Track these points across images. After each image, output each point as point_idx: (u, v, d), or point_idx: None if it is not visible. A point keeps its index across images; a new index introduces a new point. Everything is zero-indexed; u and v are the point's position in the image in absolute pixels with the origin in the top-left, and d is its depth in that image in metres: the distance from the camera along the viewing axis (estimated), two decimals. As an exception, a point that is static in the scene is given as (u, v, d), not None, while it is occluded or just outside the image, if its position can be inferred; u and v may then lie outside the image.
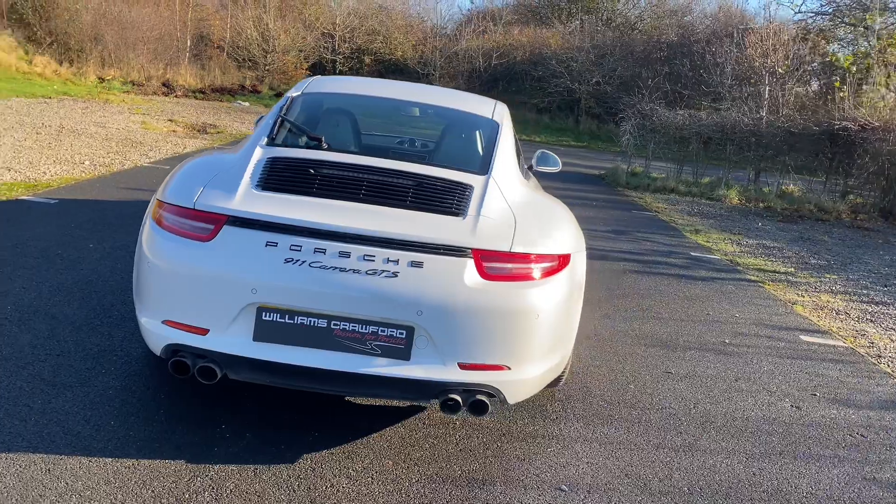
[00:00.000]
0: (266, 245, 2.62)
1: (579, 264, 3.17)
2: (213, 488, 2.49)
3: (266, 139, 3.30)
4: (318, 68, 31.39)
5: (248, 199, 2.76)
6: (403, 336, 2.63)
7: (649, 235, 8.50)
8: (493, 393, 2.75)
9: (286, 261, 2.59)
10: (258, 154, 3.11)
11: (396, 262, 2.61)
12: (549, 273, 2.84)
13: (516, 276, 2.75)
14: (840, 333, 5.35)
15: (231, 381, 2.83)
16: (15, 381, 3.03)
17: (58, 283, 4.24)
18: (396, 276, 2.60)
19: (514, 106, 27.52)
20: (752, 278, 6.86)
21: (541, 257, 2.82)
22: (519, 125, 24.37)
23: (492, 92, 28.47)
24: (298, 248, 2.61)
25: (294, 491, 2.53)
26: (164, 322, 2.72)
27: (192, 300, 2.67)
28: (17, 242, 4.91)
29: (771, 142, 13.37)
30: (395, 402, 3.25)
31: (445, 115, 4.06)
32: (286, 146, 3.29)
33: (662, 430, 3.38)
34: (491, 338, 2.69)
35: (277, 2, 31.38)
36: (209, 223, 2.69)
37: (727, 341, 4.83)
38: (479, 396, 2.71)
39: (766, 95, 14.82)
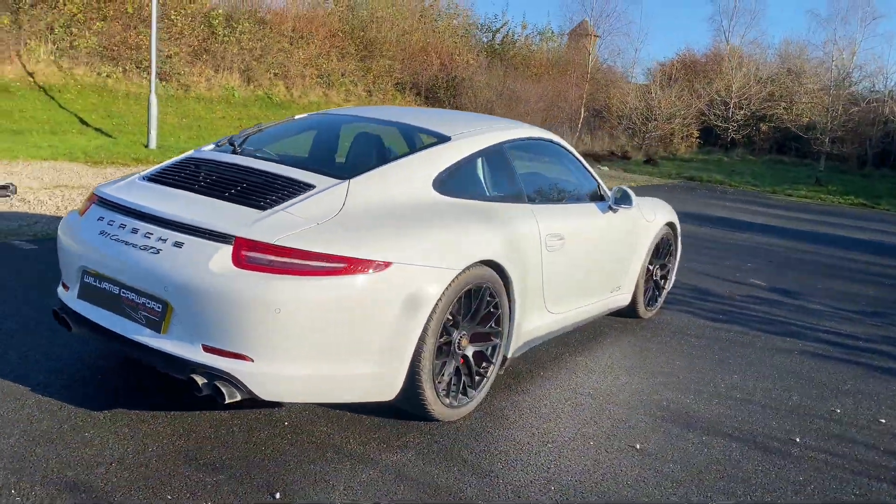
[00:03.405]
0: (97, 219, 3.14)
1: (411, 280, 2.92)
2: (10, 406, 3.05)
3: (214, 146, 3.82)
4: (709, 134, 30.45)
5: (120, 186, 3.32)
6: (159, 309, 2.85)
7: (920, 324, 6.43)
8: (235, 382, 2.76)
9: (100, 232, 3.07)
10: (184, 155, 3.65)
11: (165, 240, 2.87)
12: (328, 272, 2.76)
13: (278, 270, 2.74)
14: None
15: None
16: (12, 314, 4.04)
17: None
18: (159, 252, 2.85)
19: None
20: None
21: (311, 254, 2.77)
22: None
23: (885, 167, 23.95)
24: (112, 223, 3.07)
25: (59, 425, 2.95)
26: (62, 280, 3.42)
27: (64, 261, 3.31)
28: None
29: None
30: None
31: (397, 131, 4.06)
32: (215, 149, 3.74)
33: (498, 490, 2.81)
34: (232, 325, 2.73)
35: (673, 72, 31.51)
36: (89, 202, 3.32)
37: (797, 440, 3.60)
38: (218, 383, 2.76)
39: None
